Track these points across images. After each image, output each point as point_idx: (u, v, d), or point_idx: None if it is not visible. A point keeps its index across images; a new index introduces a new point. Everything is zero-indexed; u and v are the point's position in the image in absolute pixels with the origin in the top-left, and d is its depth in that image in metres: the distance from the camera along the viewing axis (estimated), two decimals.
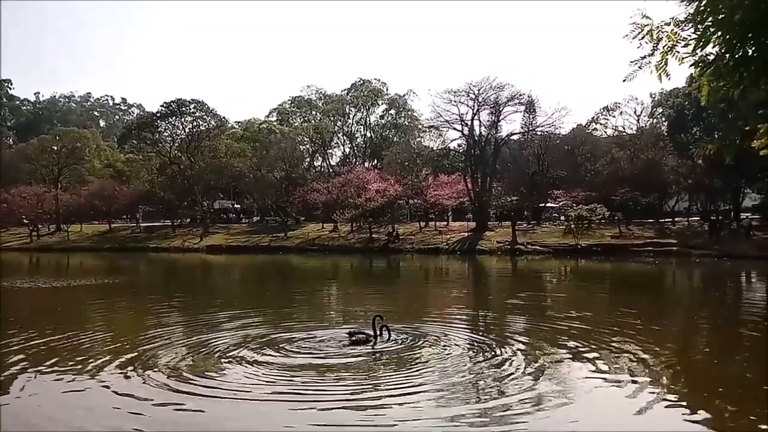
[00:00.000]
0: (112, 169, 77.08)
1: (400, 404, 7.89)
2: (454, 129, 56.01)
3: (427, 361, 10.10)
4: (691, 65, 6.42)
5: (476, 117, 53.85)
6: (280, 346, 11.37)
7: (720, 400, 8.34)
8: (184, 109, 69.78)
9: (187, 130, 70.94)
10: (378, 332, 11.45)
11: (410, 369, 9.66)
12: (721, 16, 5.71)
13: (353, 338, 11.30)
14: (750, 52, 5.91)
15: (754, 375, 9.60)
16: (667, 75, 6.65)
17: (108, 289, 24.93)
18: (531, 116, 57.27)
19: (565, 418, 7.42)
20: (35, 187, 65.32)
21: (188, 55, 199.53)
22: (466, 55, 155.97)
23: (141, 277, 34.16)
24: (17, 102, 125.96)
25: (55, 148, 74.34)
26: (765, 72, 5.95)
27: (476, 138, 54.54)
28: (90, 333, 13.33)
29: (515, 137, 58.25)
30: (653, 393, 8.46)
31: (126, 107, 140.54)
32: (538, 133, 55.99)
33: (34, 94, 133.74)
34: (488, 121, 54.66)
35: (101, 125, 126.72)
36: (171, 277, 35.29)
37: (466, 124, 53.98)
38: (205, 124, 71.35)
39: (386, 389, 8.57)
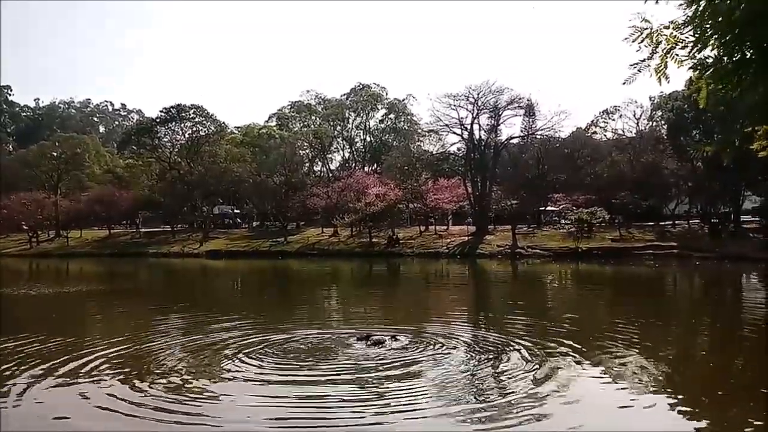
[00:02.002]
0: (112, 174, 77.11)
1: (400, 405, 7.90)
2: (454, 133, 56.11)
3: (427, 364, 10.08)
4: (690, 68, 6.42)
5: (476, 121, 53.95)
6: (279, 350, 11.36)
7: (718, 402, 8.37)
8: (183, 114, 69.89)
9: (186, 135, 71.05)
10: (388, 339, 11.72)
11: (411, 371, 9.63)
12: (719, 18, 5.70)
13: (370, 341, 11.54)
14: (748, 54, 5.90)
15: (753, 377, 9.62)
16: (666, 78, 6.65)
17: (106, 295, 24.92)
18: (531, 120, 57.30)
19: (567, 419, 7.42)
20: (35, 193, 65.25)
21: (188, 60, 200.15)
22: (465, 59, 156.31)
23: (140, 283, 34.13)
24: (17, 108, 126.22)
25: (55, 154, 74.45)
26: (763, 73, 5.95)
27: (476, 142, 54.53)
28: (87, 338, 13.32)
29: (515, 141, 58.30)
30: (653, 394, 8.49)
31: (125, 113, 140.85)
32: (538, 136, 56.00)
33: (34, 100, 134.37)
34: (488, 124, 54.77)
35: (101, 131, 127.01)
36: (171, 282, 35.25)
37: (466, 128, 54.06)
38: (205, 129, 71.48)
39: (386, 391, 8.57)
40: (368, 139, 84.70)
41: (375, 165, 78.35)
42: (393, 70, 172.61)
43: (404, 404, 7.96)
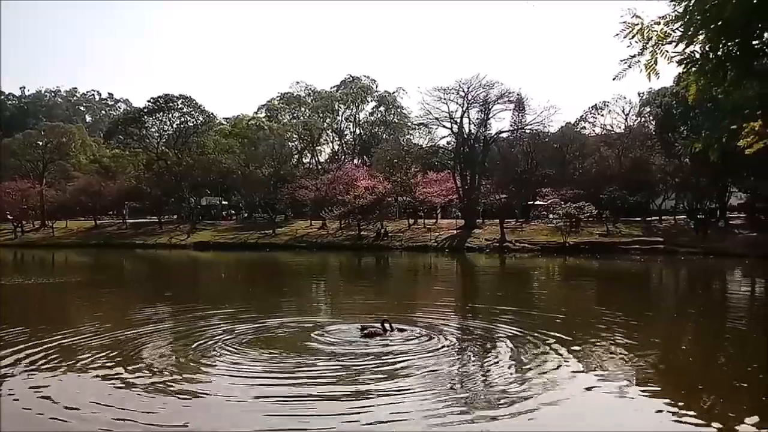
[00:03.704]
0: (98, 164, 76.11)
1: (386, 404, 7.85)
2: (444, 126, 56.12)
3: (414, 360, 10.04)
4: (679, 64, 6.41)
5: (466, 115, 53.92)
6: (265, 342, 11.32)
7: (702, 397, 8.44)
8: (171, 104, 69.23)
9: (174, 125, 70.43)
10: (388, 329, 11.78)
11: (399, 366, 9.61)
12: (708, 13, 5.69)
13: (365, 332, 11.66)
14: (734, 50, 5.91)
15: (736, 373, 9.69)
16: (657, 74, 6.64)
17: (90, 286, 24.69)
18: (520, 114, 57.33)
19: (555, 419, 7.43)
20: (20, 183, 64.29)
21: (176, 50, 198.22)
22: (456, 53, 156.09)
23: (126, 274, 33.88)
24: (2, 96, 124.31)
25: (41, 143, 73.61)
26: (747, 70, 5.96)
27: (465, 136, 54.55)
28: (74, 331, 13.13)
29: (504, 135, 58.33)
30: (640, 392, 8.55)
31: (113, 102, 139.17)
32: (527, 131, 56.10)
33: (20, 88, 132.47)
34: (477, 118, 54.74)
35: (87, 120, 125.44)
36: (157, 273, 35.01)
37: (456, 122, 54.04)
38: (193, 119, 70.86)
39: (374, 386, 8.56)
40: (358, 131, 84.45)
41: (364, 158, 78.15)
42: (383, 62, 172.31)
43: (392, 402, 7.90)
